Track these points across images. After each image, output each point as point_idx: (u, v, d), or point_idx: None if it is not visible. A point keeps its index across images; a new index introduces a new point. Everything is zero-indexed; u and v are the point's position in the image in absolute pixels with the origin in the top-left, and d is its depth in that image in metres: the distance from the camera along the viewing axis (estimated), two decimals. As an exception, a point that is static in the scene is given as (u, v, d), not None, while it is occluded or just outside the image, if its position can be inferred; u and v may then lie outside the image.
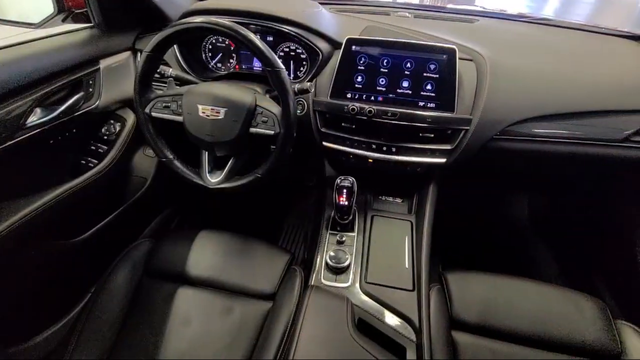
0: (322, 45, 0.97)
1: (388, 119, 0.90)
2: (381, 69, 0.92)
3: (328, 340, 0.69)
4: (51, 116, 0.84)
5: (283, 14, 0.97)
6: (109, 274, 0.89)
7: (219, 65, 1.12)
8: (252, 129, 0.80)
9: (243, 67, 1.11)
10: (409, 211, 1.08)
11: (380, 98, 0.92)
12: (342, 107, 0.92)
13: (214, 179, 0.86)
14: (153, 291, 0.88)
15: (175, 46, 1.02)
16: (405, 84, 0.91)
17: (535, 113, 0.89)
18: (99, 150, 1.02)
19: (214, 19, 0.73)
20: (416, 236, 0.97)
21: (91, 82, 0.94)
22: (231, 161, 0.87)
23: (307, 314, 0.73)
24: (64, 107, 0.87)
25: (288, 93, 0.76)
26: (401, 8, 1.26)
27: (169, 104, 0.84)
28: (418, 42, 0.91)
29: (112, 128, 1.03)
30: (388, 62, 0.91)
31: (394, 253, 0.93)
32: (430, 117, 0.89)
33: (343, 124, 0.96)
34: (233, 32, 0.72)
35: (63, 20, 1.00)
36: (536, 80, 0.93)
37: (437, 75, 0.89)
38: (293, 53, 1.05)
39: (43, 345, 1.01)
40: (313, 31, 0.97)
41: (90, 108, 0.94)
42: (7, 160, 0.76)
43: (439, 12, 1.23)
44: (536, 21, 1.22)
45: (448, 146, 0.93)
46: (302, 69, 1.07)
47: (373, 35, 0.98)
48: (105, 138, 1.03)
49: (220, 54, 1.10)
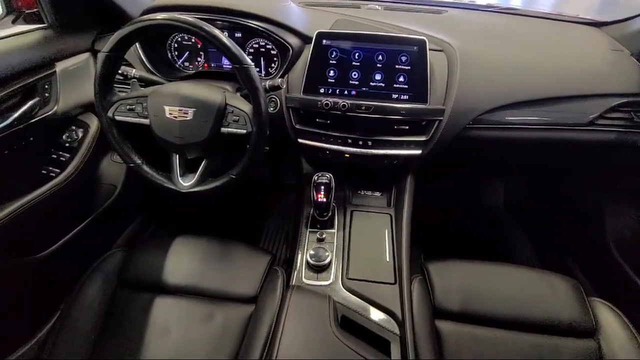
0: (292, 40, 0.95)
1: (362, 113, 0.89)
2: (353, 63, 0.91)
3: (311, 340, 0.68)
4: (4, 124, 0.78)
5: (250, 9, 0.94)
6: (80, 288, 0.85)
7: (187, 64, 1.08)
8: (224, 129, 0.78)
9: (212, 66, 1.07)
10: (388, 204, 1.08)
11: (353, 92, 0.91)
12: (316, 103, 0.90)
13: (187, 183, 0.83)
14: (128, 302, 0.84)
15: (137, 45, 0.97)
16: (377, 77, 0.90)
17: (505, 101, 0.91)
18: (61, 158, 0.96)
19: (177, 16, 0.70)
20: (396, 229, 0.97)
21: (47, 87, 0.88)
22: (203, 163, 0.84)
23: (289, 316, 0.72)
24: (18, 114, 0.82)
25: (258, 90, 0.73)
26: (371, 1, 1.26)
27: (134, 107, 0.80)
28: (388, 35, 0.90)
29: (74, 134, 0.98)
30: (360, 56, 0.91)
31: (375, 247, 0.93)
32: (404, 109, 0.89)
33: (317, 120, 0.95)
34: (197, 29, 0.69)
35: (13, 21, 0.94)
36: (505, 68, 0.94)
37: (409, 67, 0.89)
38: (263, 49, 1.03)
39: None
40: (282, 26, 0.95)
41: (47, 114, 0.88)
42: None
43: (409, 4, 1.24)
44: (503, 11, 1.24)
45: (423, 137, 0.93)
46: (274, 65, 1.04)
47: (343, 28, 0.97)
48: (67, 145, 0.97)
49: (187, 53, 1.06)
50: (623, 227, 1.17)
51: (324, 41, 0.91)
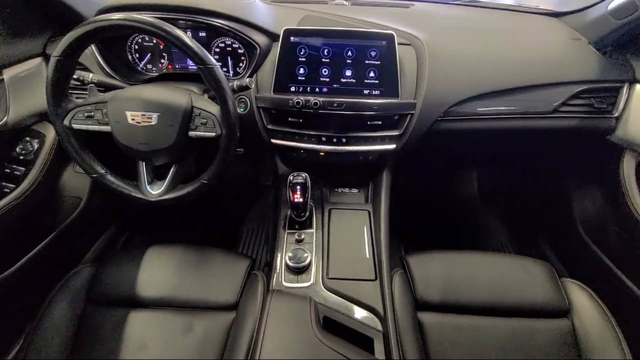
0: (259, 38, 0.93)
1: (334, 110, 0.88)
2: (323, 59, 0.90)
3: (292, 345, 0.67)
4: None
5: (214, 7, 0.91)
6: (45, 309, 0.79)
7: (149, 66, 1.03)
8: (191, 133, 0.75)
9: (176, 67, 1.03)
10: (366, 200, 1.08)
11: (324, 89, 0.90)
12: (287, 102, 0.88)
13: (155, 191, 0.79)
14: (100, 320, 0.80)
15: (94, 48, 0.92)
16: (348, 73, 0.90)
17: (473, 92, 0.92)
18: (15, 172, 0.89)
19: (134, 16, 0.66)
20: (374, 224, 0.97)
21: None
22: (172, 169, 0.80)
23: (269, 322, 0.70)
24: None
25: (225, 91, 0.71)
26: (338, -4, 1.24)
27: (92, 113, 0.75)
28: (357, 30, 0.90)
29: (29, 146, 0.91)
30: (329, 52, 0.89)
31: (354, 244, 0.93)
32: (376, 105, 0.89)
33: (290, 119, 0.93)
34: (155, 29, 0.66)
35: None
36: (471, 60, 0.96)
37: (379, 61, 0.89)
38: (229, 48, 0.99)
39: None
40: (248, 24, 0.92)
41: None
42: None
43: (376, -1, 1.23)
44: (468, 4, 1.26)
45: (396, 132, 0.93)
46: (242, 65, 1.01)
47: (311, 25, 0.95)
48: (21, 158, 0.90)
49: (149, 54, 1.01)
50: (589, 209, 1.22)
51: (292, 38, 0.89)
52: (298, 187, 0.88)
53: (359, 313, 0.79)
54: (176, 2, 0.90)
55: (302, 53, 0.89)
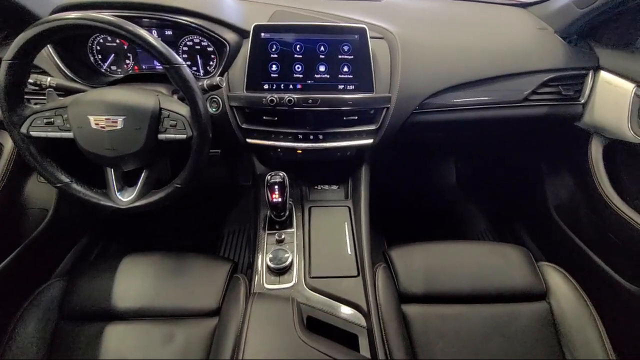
0: (228, 35, 0.90)
1: (309, 107, 0.87)
2: (295, 55, 0.88)
3: (275, 348, 0.66)
4: None
5: (179, 4, 0.87)
6: (13, 328, 0.75)
7: (114, 67, 0.98)
8: (161, 136, 0.72)
9: (143, 68, 0.99)
10: (346, 196, 1.07)
11: (299, 85, 0.89)
12: (260, 100, 0.86)
13: (126, 198, 0.76)
14: (74, 336, 0.76)
15: (51, 49, 0.86)
16: (322, 69, 0.88)
17: (447, 84, 0.93)
18: (-28, 185, 0.84)
19: (91, 14, 0.62)
20: (355, 220, 0.97)
21: None
22: (143, 174, 0.77)
23: (251, 326, 0.68)
24: None
25: (193, 91, 0.68)
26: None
27: (52, 119, 0.70)
28: (329, 24, 0.89)
29: (-15, 157, 0.85)
30: (301, 48, 0.88)
31: (336, 242, 0.92)
32: (351, 100, 0.88)
33: (264, 117, 0.91)
34: (114, 28, 0.62)
35: None
36: (443, 52, 0.97)
37: (352, 56, 0.88)
38: (198, 47, 0.96)
39: None
40: (215, 21, 0.89)
41: None
42: None
43: (347, -8, 1.22)
44: (438, -4, 1.27)
45: (373, 126, 0.93)
46: (212, 64, 0.98)
47: (282, 20, 0.94)
48: (-23, 170, 0.85)
49: (112, 55, 0.96)
50: (561, 194, 1.27)
51: (263, 34, 0.87)
52: (276, 187, 0.87)
53: (343, 310, 0.79)
54: (139, 0, 0.85)
55: (274, 49, 0.87)
